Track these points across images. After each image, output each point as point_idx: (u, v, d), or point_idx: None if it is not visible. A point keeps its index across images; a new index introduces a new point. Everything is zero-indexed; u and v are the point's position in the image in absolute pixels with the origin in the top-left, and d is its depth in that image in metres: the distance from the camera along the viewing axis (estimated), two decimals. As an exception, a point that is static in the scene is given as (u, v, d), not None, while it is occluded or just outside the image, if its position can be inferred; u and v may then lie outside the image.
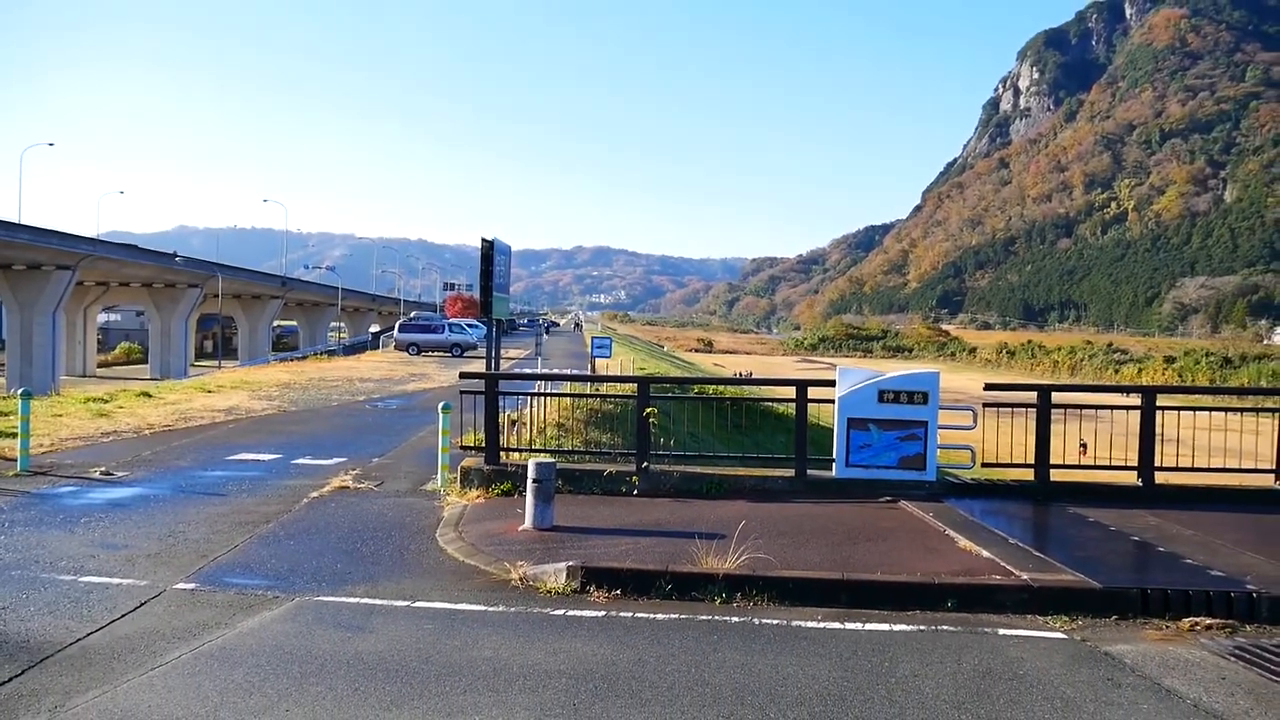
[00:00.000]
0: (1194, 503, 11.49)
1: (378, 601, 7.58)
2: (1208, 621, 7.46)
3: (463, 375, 14.33)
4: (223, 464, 14.21)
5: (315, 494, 11.88)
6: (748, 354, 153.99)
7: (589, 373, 28.44)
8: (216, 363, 78.05)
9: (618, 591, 7.90)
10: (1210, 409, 13.63)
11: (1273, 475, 11.83)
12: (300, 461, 14.56)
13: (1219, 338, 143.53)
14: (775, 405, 22.48)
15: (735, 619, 7.34)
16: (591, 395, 17.22)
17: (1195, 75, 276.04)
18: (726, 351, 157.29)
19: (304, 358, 55.13)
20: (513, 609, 7.47)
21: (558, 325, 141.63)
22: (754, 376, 33.84)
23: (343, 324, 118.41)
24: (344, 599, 7.66)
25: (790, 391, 12.19)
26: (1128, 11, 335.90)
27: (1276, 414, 12.01)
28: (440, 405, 12.67)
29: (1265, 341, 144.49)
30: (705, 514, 10.48)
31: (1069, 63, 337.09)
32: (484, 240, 15.88)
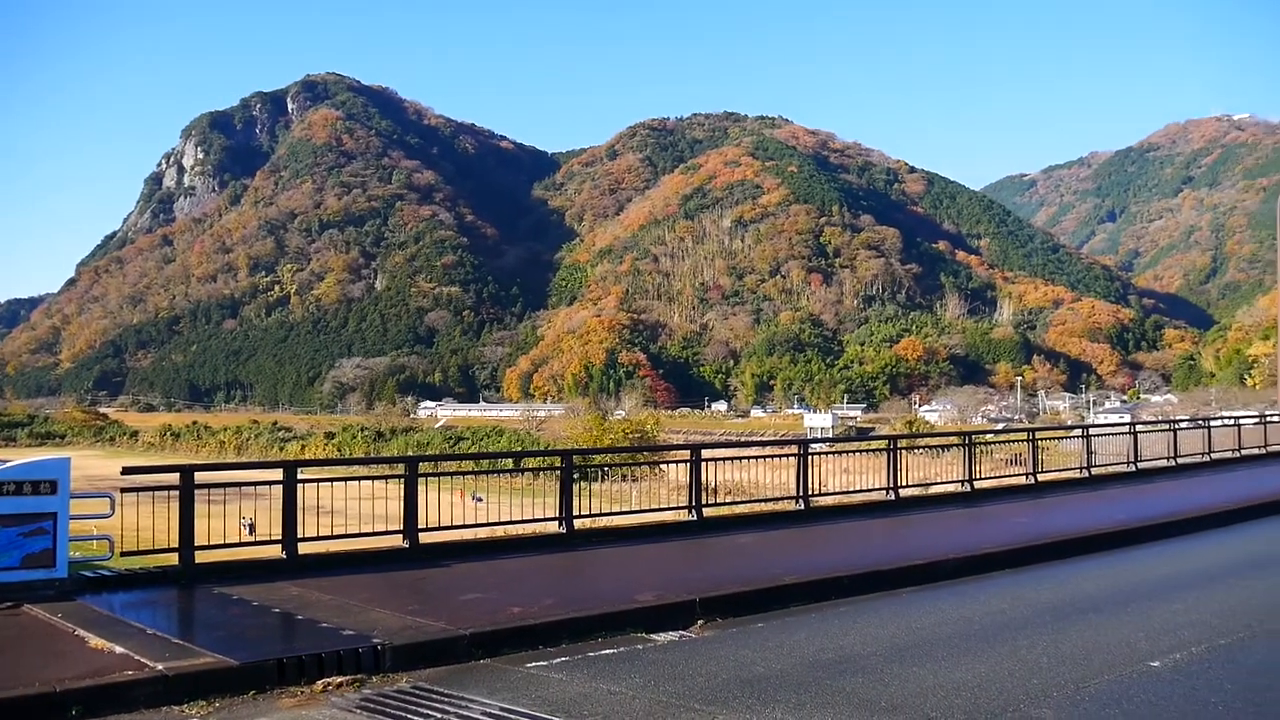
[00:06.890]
0: (336, 568, 12.19)
1: None
2: (339, 680, 7.92)
3: None
4: None
5: None
6: None
7: None
8: None
9: None
10: (362, 478, 14.68)
11: (400, 535, 13.08)
12: None
13: (373, 413, 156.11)
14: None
15: None
16: None
17: (350, 173, 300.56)
18: None
19: None
20: None
21: None
22: None
23: None
24: None
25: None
26: (290, 106, 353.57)
27: (402, 480, 13.31)
28: None
29: (411, 415, 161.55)
30: None
31: (234, 146, 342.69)
32: None
